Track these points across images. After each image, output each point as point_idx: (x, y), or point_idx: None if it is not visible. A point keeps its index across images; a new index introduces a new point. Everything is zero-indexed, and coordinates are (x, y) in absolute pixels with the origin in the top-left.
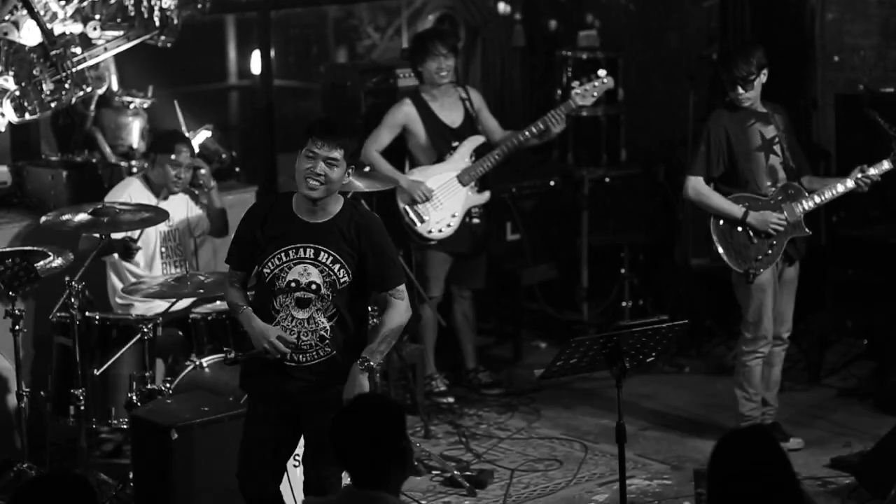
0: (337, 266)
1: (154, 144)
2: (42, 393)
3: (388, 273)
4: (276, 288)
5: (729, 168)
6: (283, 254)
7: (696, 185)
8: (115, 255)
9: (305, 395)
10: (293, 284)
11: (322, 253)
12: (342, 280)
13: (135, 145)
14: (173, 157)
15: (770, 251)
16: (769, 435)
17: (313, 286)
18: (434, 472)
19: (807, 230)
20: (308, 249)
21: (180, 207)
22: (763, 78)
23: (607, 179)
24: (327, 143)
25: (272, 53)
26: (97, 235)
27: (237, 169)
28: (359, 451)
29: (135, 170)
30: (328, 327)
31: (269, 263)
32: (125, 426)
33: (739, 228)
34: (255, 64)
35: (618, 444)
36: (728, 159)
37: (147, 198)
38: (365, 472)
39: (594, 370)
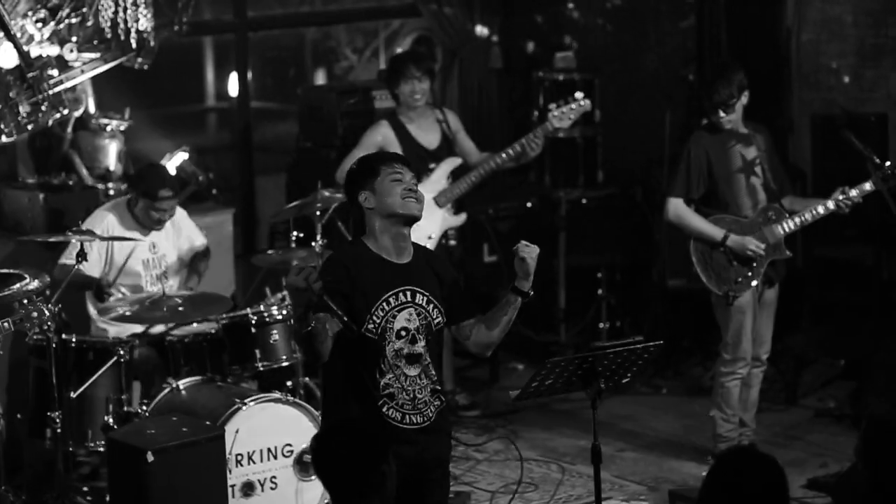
0: (431, 307)
1: (138, 183)
2: (18, 416)
3: (469, 297)
4: (386, 343)
5: (709, 190)
6: (384, 303)
7: (676, 207)
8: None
9: (424, 461)
10: (403, 333)
11: (418, 294)
12: (436, 321)
13: (112, 167)
14: (156, 204)
15: (750, 273)
16: (770, 457)
17: (421, 331)
18: None
19: (787, 252)
20: (406, 293)
21: (166, 236)
22: (744, 100)
23: (584, 200)
24: (405, 161)
25: (249, 75)
26: (71, 262)
27: (214, 191)
28: (339, 471)
29: (111, 192)
30: (434, 376)
31: (374, 317)
32: (102, 449)
33: (720, 250)
34: (233, 86)
35: (593, 466)
36: (708, 181)
37: (129, 225)
38: (343, 492)
39: (570, 391)
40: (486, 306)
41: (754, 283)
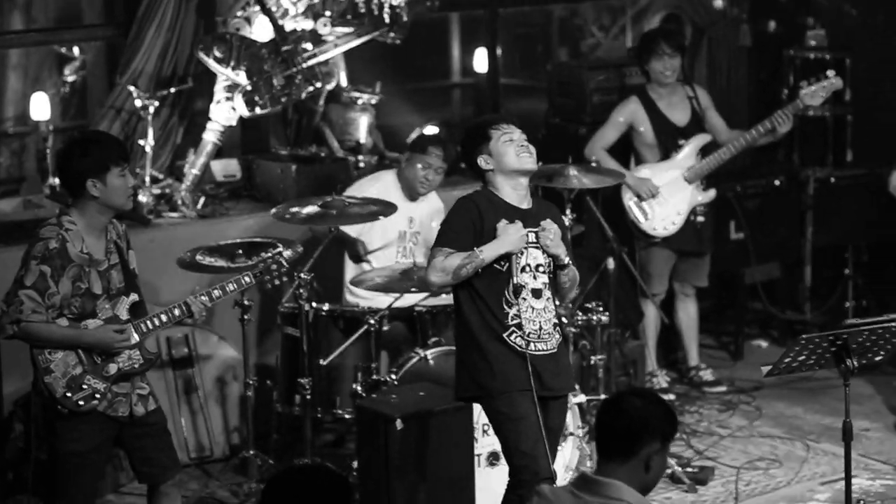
0: None
1: (412, 144)
2: (268, 382)
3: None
4: (511, 276)
5: None
6: None
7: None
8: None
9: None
10: (527, 268)
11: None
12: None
13: (362, 140)
14: (425, 157)
15: None
16: None
17: (540, 268)
18: None
19: None
20: (530, 234)
21: (429, 212)
22: None
23: (832, 180)
24: (512, 120)
25: (499, 51)
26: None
27: (462, 165)
28: (614, 431)
29: (361, 164)
30: (554, 308)
31: None
32: (349, 416)
33: None
34: (480, 62)
35: (844, 443)
36: None
37: (397, 195)
38: (609, 456)
39: (821, 368)
40: (732, 285)
41: None
